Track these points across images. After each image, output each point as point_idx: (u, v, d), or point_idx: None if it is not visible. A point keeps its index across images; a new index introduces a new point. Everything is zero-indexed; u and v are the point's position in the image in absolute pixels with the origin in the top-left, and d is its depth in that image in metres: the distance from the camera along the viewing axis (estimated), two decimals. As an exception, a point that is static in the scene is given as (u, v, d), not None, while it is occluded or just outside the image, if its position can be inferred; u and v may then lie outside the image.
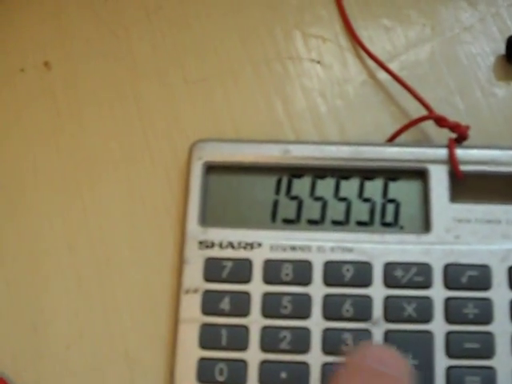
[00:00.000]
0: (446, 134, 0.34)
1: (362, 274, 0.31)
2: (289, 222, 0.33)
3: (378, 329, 0.31)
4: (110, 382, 0.32)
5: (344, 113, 0.36)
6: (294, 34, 0.38)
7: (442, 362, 0.30)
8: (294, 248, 0.32)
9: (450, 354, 0.30)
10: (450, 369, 0.30)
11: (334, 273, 0.31)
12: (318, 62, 0.37)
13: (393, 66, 0.37)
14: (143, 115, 0.36)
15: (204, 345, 0.31)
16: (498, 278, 0.31)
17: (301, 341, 0.31)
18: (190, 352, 0.31)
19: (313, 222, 0.33)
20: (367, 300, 0.31)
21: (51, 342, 0.33)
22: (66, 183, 0.35)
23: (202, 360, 0.31)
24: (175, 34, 0.38)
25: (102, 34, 0.38)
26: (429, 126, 0.35)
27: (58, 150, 0.36)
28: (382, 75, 0.37)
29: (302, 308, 0.31)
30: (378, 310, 0.31)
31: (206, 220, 0.33)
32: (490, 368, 0.30)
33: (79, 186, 0.35)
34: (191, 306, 0.31)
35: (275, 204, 0.33)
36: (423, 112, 0.35)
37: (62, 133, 0.36)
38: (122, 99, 0.37)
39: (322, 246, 0.32)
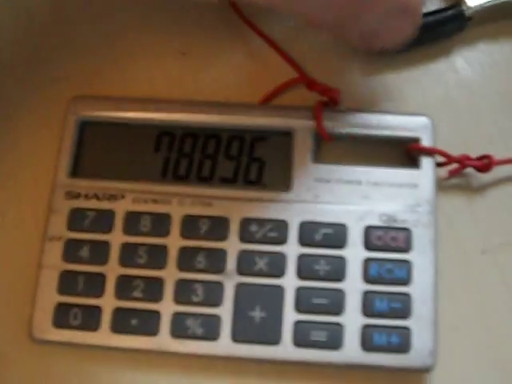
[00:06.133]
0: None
1: (218, 228, 0.32)
2: (154, 176, 0.33)
3: (230, 281, 0.31)
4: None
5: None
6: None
7: (290, 316, 0.31)
8: (155, 201, 0.32)
9: (298, 308, 0.31)
10: (297, 323, 0.31)
11: (190, 226, 0.32)
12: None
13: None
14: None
15: (62, 290, 0.32)
16: (354, 237, 0.32)
17: (154, 290, 0.31)
18: (49, 297, 0.32)
19: (178, 177, 0.33)
20: (221, 253, 0.32)
21: None
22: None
23: (59, 305, 0.31)
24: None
25: None
26: (305, 91, 0.35)
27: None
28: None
29: (157, 258, 0.32)
30: (231, 263, 0.31)
31: (75, 172, 0.33)
32: (337, 324, 0.30)
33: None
34: (53, 254, 0.32)
35: (143, 159, 0.34)
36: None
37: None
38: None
39: (182, 200, 0.32)
